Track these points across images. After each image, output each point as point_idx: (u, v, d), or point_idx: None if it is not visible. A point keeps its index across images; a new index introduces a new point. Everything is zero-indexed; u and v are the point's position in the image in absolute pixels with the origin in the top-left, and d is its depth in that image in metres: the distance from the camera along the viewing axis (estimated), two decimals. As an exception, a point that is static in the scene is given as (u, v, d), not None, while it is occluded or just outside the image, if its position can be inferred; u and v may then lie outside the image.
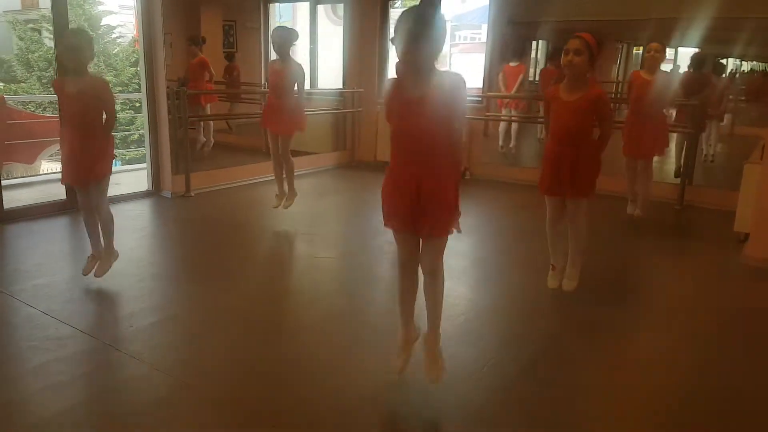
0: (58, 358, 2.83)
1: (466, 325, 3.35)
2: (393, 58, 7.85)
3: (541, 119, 7.75)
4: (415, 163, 2.33)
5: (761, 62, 8.11)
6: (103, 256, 3.78)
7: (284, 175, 5.18)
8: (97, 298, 3.61)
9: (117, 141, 7.54)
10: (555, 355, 3.05)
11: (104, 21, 15.17)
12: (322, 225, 5.38)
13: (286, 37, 4.80)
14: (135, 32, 16.80)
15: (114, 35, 15.39)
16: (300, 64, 4.93)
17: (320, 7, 8.48)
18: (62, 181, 3.78)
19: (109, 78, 14.38)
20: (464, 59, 9.98)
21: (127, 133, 13.04)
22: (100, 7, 15.07)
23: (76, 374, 2.72)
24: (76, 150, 3.55)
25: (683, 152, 6.36)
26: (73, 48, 3.41)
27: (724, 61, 7.76)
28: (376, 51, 8.06)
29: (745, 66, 8.22)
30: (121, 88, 13.93)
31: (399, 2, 8.12)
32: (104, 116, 3.55)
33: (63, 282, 3.83)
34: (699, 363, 3.02)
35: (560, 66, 3.35)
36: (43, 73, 14.13)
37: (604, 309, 3.57)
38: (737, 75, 7.90)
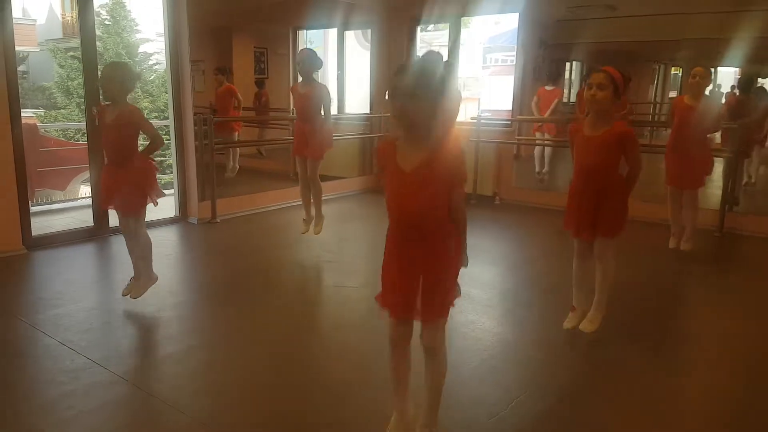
0: (69, 392, 2.77)
1: (489, 361, 3.19)
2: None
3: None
4: (411, 241, 2.11)
5: None
6: (141, 279, 3.82)
7: (312, 200, 5.12)
8: (116, 328, 3.57)
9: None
10: (582, 395, 2.86)
11: (141, 48, 15.62)
12: (346, 252, 5.29)
13: (311, 58, 4.77)
14: (171, 59, 17.41)
15: (151, 62, 15.81)
16: (325, 86, 4.90)
17: (350, 33, 8.51)
18: (101, 207, 3.82)
19: (144, 104, 14.75)
20: (496, 82, 9.89)
21: (162, 158, 13.28)
22: (138, 35, 15.53)
23: (84, 409, 2.65)
24: (111, 178, 3.66)
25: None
26: (109, 79, 3.53)
27: (761, 80, 7.54)
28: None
29: None
30: (156, 114, 14.25)
31: (430, 26, 8.11)
32: (135, 143, 3.66)
33: (83, 311, 3.81)
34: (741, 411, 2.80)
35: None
36: (83, 100, 14.58)
37: (636, 348, 3.36)
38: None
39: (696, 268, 4.91)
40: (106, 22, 14.83)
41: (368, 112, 8.11)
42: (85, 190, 8.47)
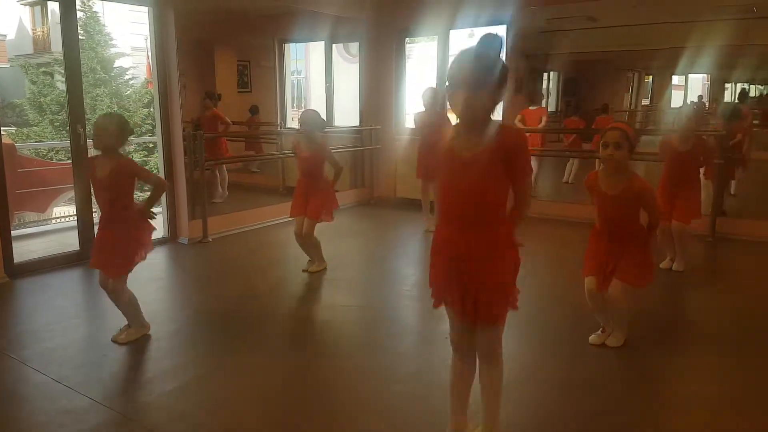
0: (71, 436, 2.56)
1: (518, 379, 3.05)
2: (410, 95, 7.91)
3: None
4: (462, 231, 2.03)
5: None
6: (132, 328, 3.60)
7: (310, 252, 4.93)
8: (113, 362, 3.35)
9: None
10: (604, 413, 2.74)
11: (117, 63, 15.26)
12: (343, 269, 5.10)
13: (315, 120, 4.66)
14: (147, 73, 17.02)
15: (127, 77, 15.46)
16: (325, 145, 4.76)
17: (334, 46, 8.40)
18: (90, 265, 3.56)
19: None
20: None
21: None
22: (113, 50, 15.18)
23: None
24: (103, 237, 3.45)
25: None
26: (104, 129, 3.33)
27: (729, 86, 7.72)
28: (393, 88, 7.95)
29: (754, 90, 8.13)
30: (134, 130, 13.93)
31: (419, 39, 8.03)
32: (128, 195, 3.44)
33: (75, 344, 3.59)
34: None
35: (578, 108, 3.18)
36: (56, 116, 14.16)
37: (651, 359, 3.27)
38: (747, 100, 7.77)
39: (692, 273, 4.87)
40: (80, 37, 14.46)
41: (358, 124, 7.97)
42: (63, 211, 8.16)
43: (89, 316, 4.18)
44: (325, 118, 4.86)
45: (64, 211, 8.09)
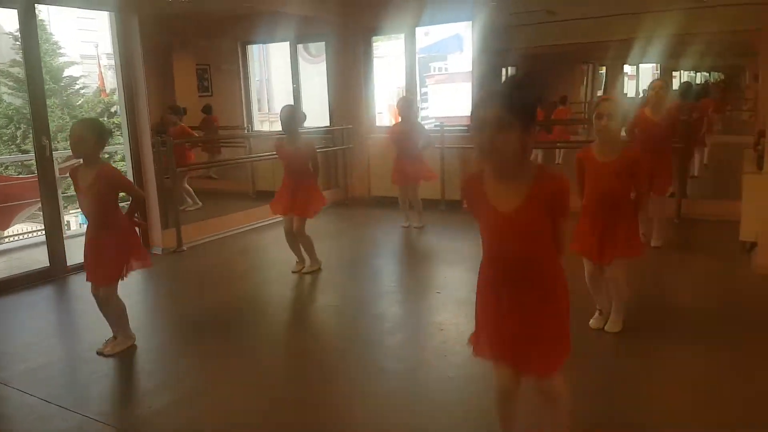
0: (73, 458, 2.46)
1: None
2: (380, 93, 7.90)
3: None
4: (515, 283, 1.89)
5: (715, 72, 8.38)
6: (118, 338, 3.49)
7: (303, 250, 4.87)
8: (102, 378, 3.22)
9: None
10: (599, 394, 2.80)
11: (67, 72, 14.75)
12: (325, 270, 5.00)
13: (294, 115, 4.60)
14: (100, 82, 16.52)
15: (77, 86, 14.97)
16: (310, 142, 4.74)
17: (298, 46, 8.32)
18: (87, 279, 3.43)
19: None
20: (439, 90, 9.94)
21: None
22: (62, 59, 14.67)
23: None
24: (93, 246, 3.33)
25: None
26: (81, 137, 3.20)
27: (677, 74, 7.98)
28: (362, 87, 7.93)
29: (699, 78, 8.45)
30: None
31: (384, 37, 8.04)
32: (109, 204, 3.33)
33: (60, 362, 3.46)
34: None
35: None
36: (3, 131, 13.60)
37: (638, 345, 3.34)
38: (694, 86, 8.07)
39: (662, 254, 5.02)
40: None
41: (329, 125, 7.92)
42: (20, 228, 7.84)
43: (69, 334, 4.03)
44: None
45: (21, 228, 7.79)
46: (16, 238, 7.02)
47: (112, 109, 14.43)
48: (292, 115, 4.59)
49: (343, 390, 3.00)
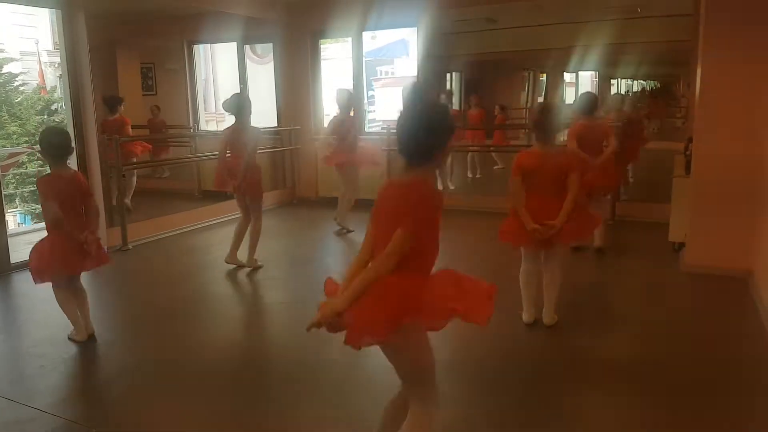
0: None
1: (454, 358, 3.30)
2: (327, 95, 8.00)
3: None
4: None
5: (650, 80, 8.86)
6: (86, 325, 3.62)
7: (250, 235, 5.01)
8: (51, 372, 3.28)
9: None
10: (544, 382, 3.08)
11: (5, 68, 14.26)
12: (273, 269, 5.17)
13: (243, 103, 4.79)
14: (40, 79, 16.00)
15: (17, 83, 14.48)
16: (257, 127, 4.96)
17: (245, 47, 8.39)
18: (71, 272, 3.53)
19: (13, 129, 13.50)
20: (385, 93, 10.18)
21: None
22: (0, 55, 14.18)
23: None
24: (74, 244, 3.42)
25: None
26: (60, 146, 3.43)
27: (615, 82, 8.40)
28: (309, 88, 8.06)
29: (636, 85, 8.93)
30: (27, 139, 13.10)
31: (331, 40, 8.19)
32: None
33: (6, 357, 3.50)
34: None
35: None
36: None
37: (569, 337, 3.61)
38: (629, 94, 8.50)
39: (596, 254, 5.32)
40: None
41: (276, 125, 8.03)
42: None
43: (14, 330, 4.04)
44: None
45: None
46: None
47: (53, 107, 14.04)
48: (242, 103, 4.78)
49: (289, 382, 3.13)
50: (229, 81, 8.54)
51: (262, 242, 5.08)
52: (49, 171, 3.51)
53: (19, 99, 14.20)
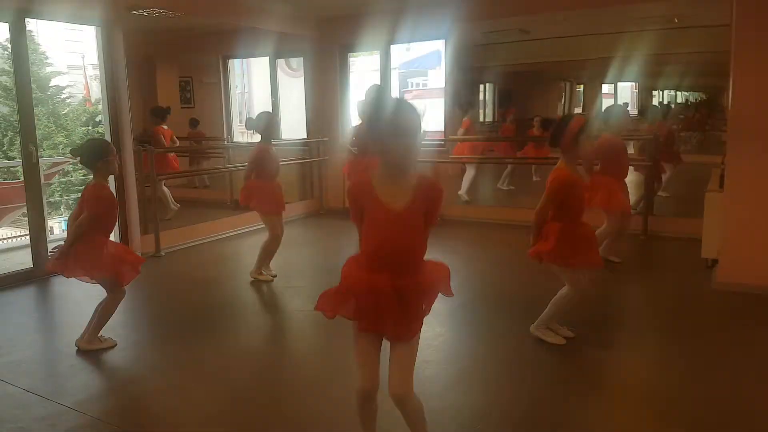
0: (50, 439, 2.67)
1: (465, 369, 3.34)
2: (353, 107, 8.13)
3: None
4: (395, 270, 2.08)
5: (695, 92, 8.63)
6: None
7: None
8: (81, 371, 3.43)
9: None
10: (552, 396, 3.07)
11: (53, 82, 14.92)
12: (297, 277, 5.28)
13: (270, 121, 4.90)
14: (85, 92, 16.68)
15: (64, 96, 15.12)
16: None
17: (277, 61, 8.60)
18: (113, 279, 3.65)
19: (59, 139, 14.08)
20: (417, 105, 10.27)
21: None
22: (49, 69, 14.84)
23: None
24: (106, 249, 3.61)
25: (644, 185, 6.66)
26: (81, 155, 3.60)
27: (661, 99, 8.25)
28: (338, 101, 8.21)
29: (680, 97, 8.73)
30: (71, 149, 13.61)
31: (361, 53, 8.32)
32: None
33: (40, 356, 3.67)
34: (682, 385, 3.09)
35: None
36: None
37: (588, 351, 3.58)
38: (672, 106, 8.34)
39: (626, 270, 5.26)
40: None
41: (306, 137, 8.19)
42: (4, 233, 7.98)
43: (50, 330, 4.24)
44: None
45: (6, 233, 7.94)
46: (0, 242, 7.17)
47: (97, 119, 14.61)
48: (272, 121, 4.90)
49: (306, 388, 3.20)
50: (263, 94, 8.76)
51: (288, 251, 5.17)
52: (92, 180, 3.63)
53: (66, 111, 14.81)
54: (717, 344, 3.66)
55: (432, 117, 7.82)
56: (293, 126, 8.39)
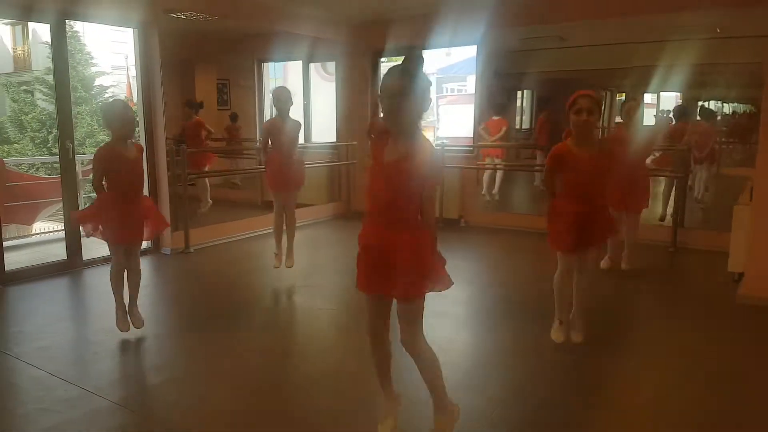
0: (69, 420, 2.81)
1: (473, 371, 3.36)
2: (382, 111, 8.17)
3: (537, 168, 7.97)
4: (385, 225, 2.29)
5: (742, 104, 8.39)
6: (133, 309, 3.91)
7: (286, 231, 5.20)
8: (104, 358, 3.58)
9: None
10: (558, 404, 3.06)
11: (97, 81, 15.46)
12: (321, 277, 5.39)
13: (290, 96, 4.99)
14: (127, 92, 17.21)
15: (107, 95, 15.65)
16: (297, 121, 5.09)
17: (311, 65, 8.74)
18: (116, 241, 3.75)
19: (102, 137, 14.55)
20: (452, 111, 10.27)
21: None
22: (93, 69, 15.39)
23: (88, 436, 2.68)
24: (129, 215, 3.70)
25: (671, 196, 6.54)
26: (129, 119, 3.67)
27: (707, 104, 8.05)
28: (368, 105, 8.29)
29: (727, 108, 8.50)
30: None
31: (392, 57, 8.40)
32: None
33: (67, 343, 3.83)
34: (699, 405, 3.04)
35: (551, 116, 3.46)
36: (36, 134, 14.28)
37: (604, 359, 3.58)
38: (719, 117, 8.14)
39: (652, 282, 5.21)
40: (60, 56, 14.66)
41: (335, 140, 8.30)
42: (42, 227, 8.30)
43: (79, 319, 4.42)
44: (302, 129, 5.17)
45: (43, 227, 8.26)
46: (37, 235, 7.48)
47: (138, 118, 15.04)
48: (289, 97, 4.99)
49: (317, 385, 3.27)
50: (296, 98, 8.89)
51: (315, 252, 5.26)
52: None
53: (110, 110, 15.30)
54: (737, 358, 3.60)
55: (462, 123, 7.84)
56: (324, 129, 8.52)
